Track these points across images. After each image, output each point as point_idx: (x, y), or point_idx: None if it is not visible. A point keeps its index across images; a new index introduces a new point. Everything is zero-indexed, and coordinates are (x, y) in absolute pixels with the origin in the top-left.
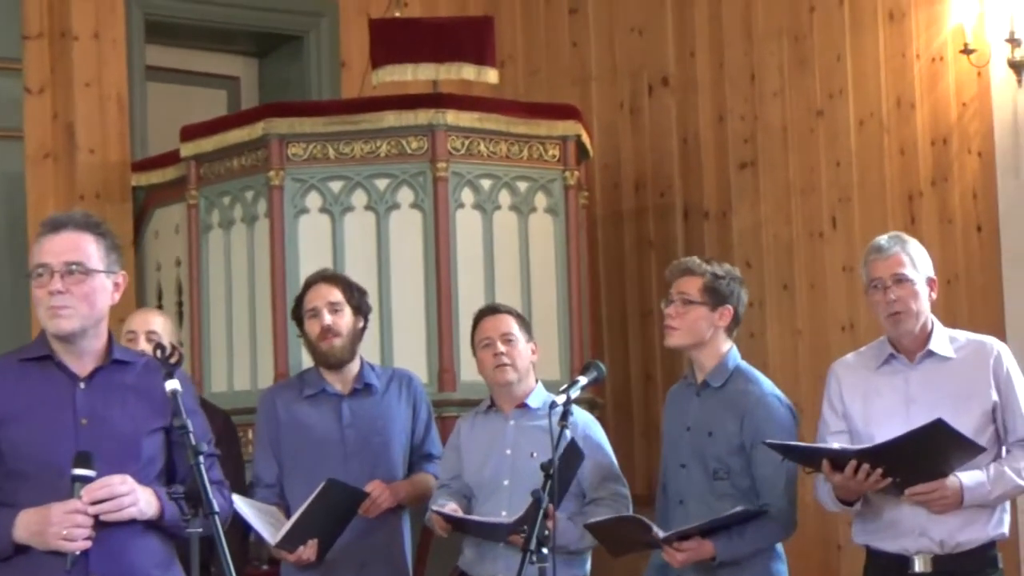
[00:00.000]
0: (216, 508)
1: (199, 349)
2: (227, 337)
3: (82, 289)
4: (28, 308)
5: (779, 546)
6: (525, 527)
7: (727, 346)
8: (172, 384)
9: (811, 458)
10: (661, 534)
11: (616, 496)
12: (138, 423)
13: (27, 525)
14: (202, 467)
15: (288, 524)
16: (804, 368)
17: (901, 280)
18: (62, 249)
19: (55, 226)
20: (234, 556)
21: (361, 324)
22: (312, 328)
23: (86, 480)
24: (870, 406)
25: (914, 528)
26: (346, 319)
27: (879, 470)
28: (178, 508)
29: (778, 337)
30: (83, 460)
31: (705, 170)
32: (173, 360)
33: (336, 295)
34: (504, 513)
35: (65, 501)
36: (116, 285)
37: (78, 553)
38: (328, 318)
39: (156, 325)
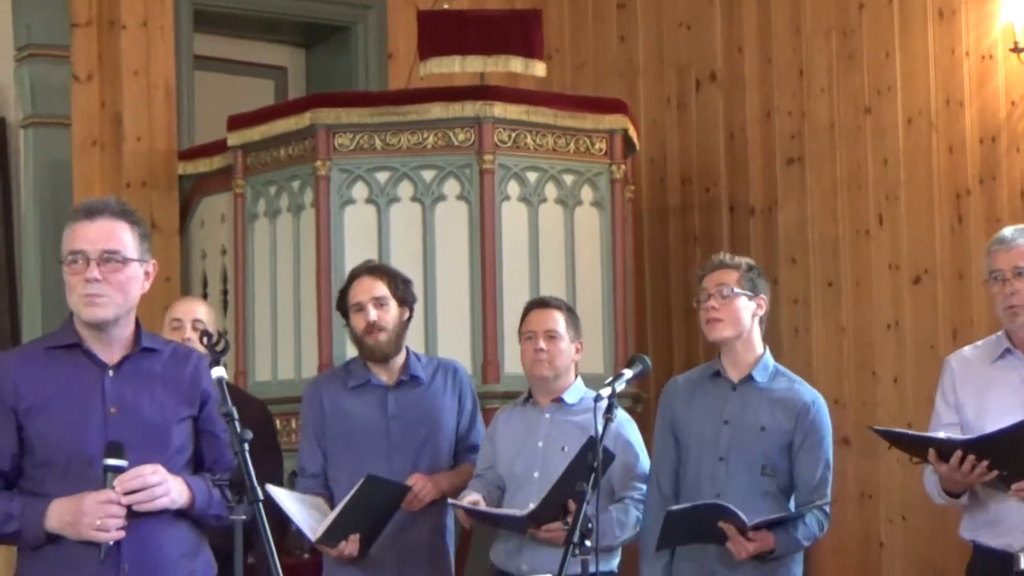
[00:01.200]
0: (260, 495)
1: (243, 338)
2: (272, 326)
3: (118, 278)
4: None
5: None
6: (567, 519)
7: (760, 342)
8: (218, 371)
9: (917, 447)
10: (748, 522)
11: (643, 497)
12: (167, 412)
13: (60, 515)
14: (247, 455)
15: (328, 520)
16: (848, 365)
17: (1022, 273)
18: (98, 236)
19: (90, 213)
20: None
21: (407, 316)
22: (357, 323)
23: (118, 470)
24: (984, 400)
25: (1020, 524)
26: (391, 313)
27: (985, 462)
28: (222, 495)
29: (823, 334)
30: (115, 450)
31: (751, 166)
32: (219, 348)
33: (381, 289)
34: (532, 505)
35: (98, 491)
36: (147, 274)
37: (111, 543)
38: (373, 314)
39: (201, 313)
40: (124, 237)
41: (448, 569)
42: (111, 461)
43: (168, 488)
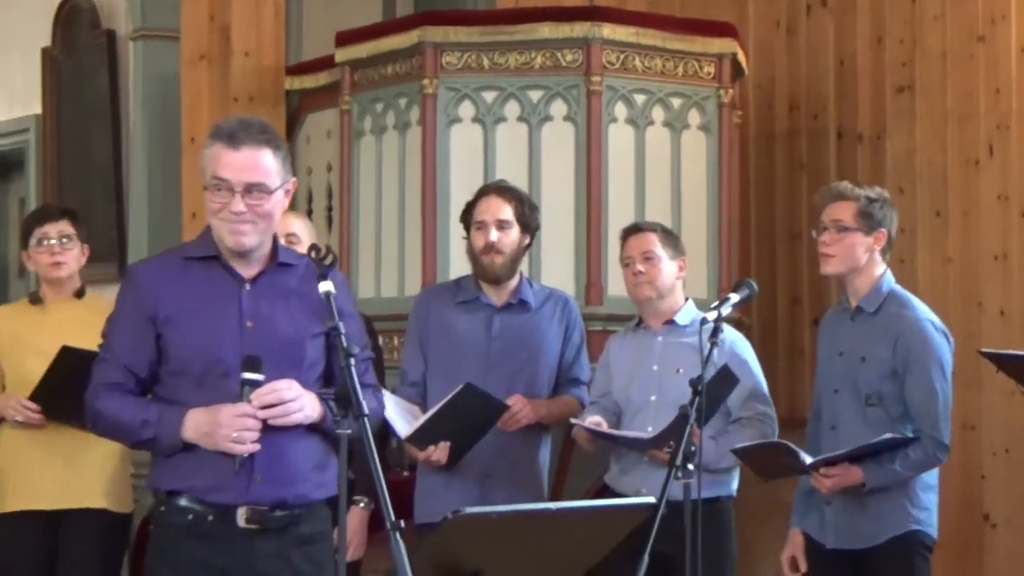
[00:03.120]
0: (366, 410)
1: (347, 255)
2: (376, 244)
3: (263, 208)
4: (180, 202)
5: (931, 475)
6: (671, 443)
7: (881, 270)
8: (326, 285)
9: None
10: (807, 460)
11: (762, 417)
12: (300, 327)
13: (196, 425)
14: (352, 369)
15: (421, 420)
16: (953, 296)
17: None
18: (243, 167)
19: (233, 139)
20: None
21: (527, 241)
22: (476, 240)
23: (255, 384)
24: None
25: None
26: (512, 237)
27: None
28: (328, 409)
29: (928, 264)
30: (252, 364)
31: (861, 93)
32: (327, 262)
33: (507, 212)
34: (650, 429)
35: (235, 404)
36: (287, 192)
37: (246, 456)
38: (494, 235)
39: (295, 227)
40: (268, 165)
41: (538, 494)
42: (248, 375)
43: (302, 404)
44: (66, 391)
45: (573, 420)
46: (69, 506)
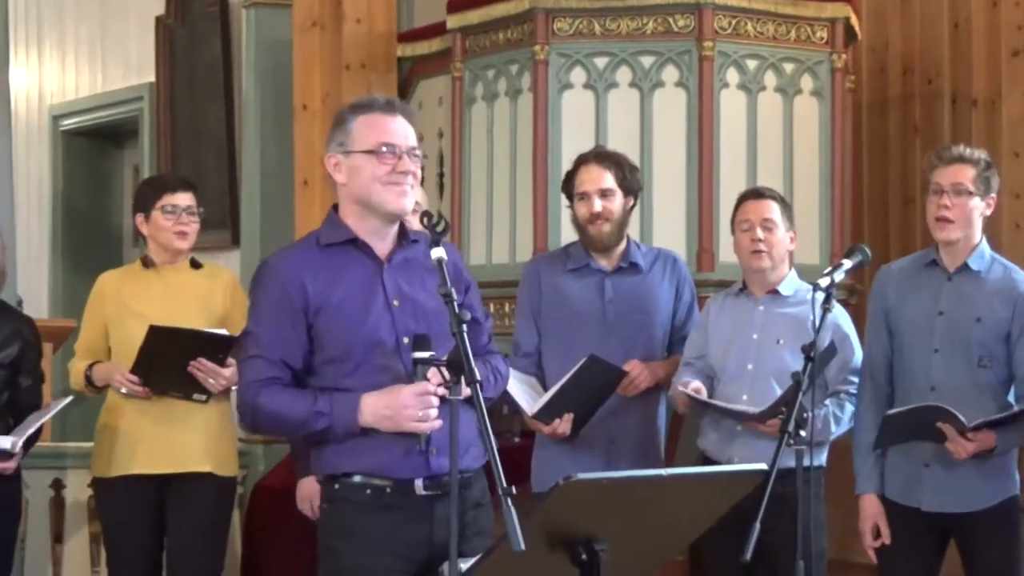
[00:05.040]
0: (479, 376)
1: (458, 221)
2: (487, 210)
3: (418, 173)
4: (291, 170)
5: None
6: (783, 409)
7: (979, 232)
8: (438, 252)
9: None
10: (968, 423)
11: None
12: (437, 299)
13: (374, 409)
14: (465, 335)
15: (546, 396)
16: None
17: None
18: (403, 132)
19: (391, 107)
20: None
21: (631, 204)
22: (581, 211)
23: (427, 362)
24: None
25: None
26: (616, 204)
27: None
28: (440, 375)
29: None
30: (422, 343)
31: (975, 57)
32: (439, 228)
33: (608, 180)
34: (745, 397)
35: (414, 384)
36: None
37: (429, 433)
38: (598, 204)
39: (417, 196)
40: (414, 137)
41: (658, 457)
42: (420, 354)
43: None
44: (163, 366)
45: (678, 385)
46: (176, 470)
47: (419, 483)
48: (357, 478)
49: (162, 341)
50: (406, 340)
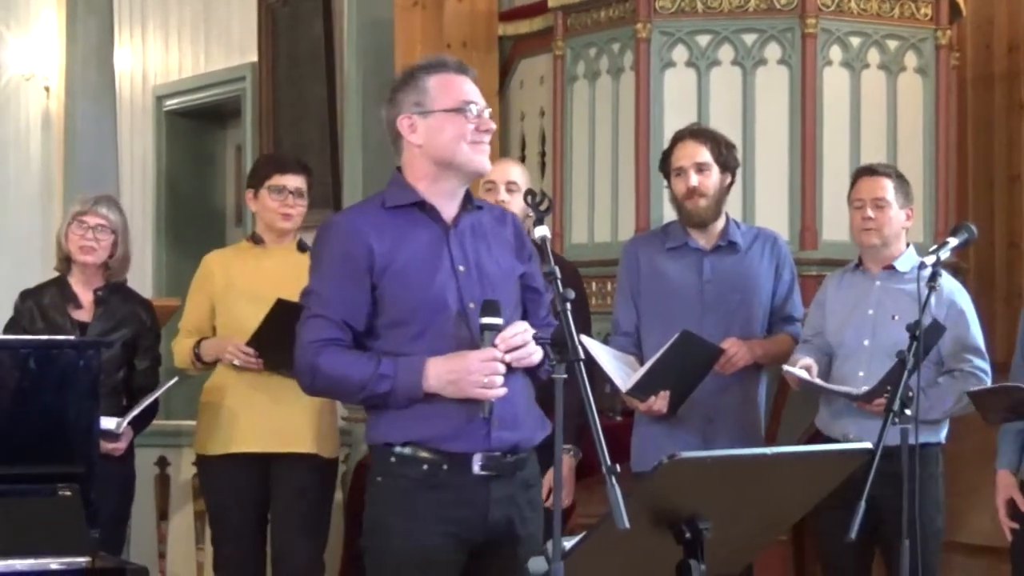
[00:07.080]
0: (582, 355)
1: (561, 200)
2: (589, 189)
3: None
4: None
5: None
6: (888, 388)
7: None
8: (542, 231)
9: None
10: None
11: (974, 370)
12: (503, 267)
13: (439, 374)
14: (569, 313)
15: (640, 372)
16: None
17: None
18: (479, 92)
19: (462, 68)
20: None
21: (728, 181)
22: (678, 187)
23: (495, 328)
24: None
25: None
26: (713, 179)
27: None
28: (544, 354)
29: None
30: (491, 308)
31: None
32: (543, 207)
33: (704, 155)
34: (861, 374)
35: (481, 350)
36: None
37: (494, 400)
38: (694, 179)
39: (515, 175)
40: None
41: (757, 436)
42: (487, 320)
43: (536, 345)
44: (279, 342)
45: (785, 367)
46: (279, 450)
47: (477, 461)
48: (413, 450)
49: (284, 316)
50: (471, 305)
